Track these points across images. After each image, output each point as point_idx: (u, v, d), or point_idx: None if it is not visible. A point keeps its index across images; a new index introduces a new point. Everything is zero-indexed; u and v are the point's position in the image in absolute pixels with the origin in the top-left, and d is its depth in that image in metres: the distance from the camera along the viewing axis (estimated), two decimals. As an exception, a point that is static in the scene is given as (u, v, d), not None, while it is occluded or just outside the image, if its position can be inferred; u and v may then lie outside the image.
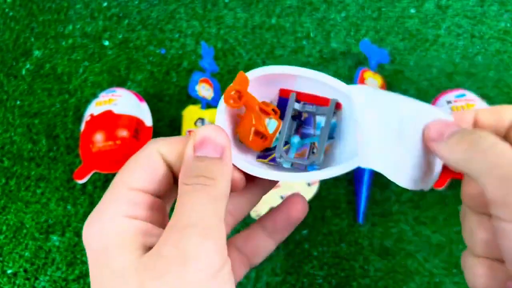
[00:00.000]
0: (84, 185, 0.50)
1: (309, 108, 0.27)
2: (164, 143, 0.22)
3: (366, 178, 0.46)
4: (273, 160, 0.27)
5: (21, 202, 0.50)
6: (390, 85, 0.54)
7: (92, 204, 0.49)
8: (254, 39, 0.58)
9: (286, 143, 0.28)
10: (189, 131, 0.48)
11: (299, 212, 0.25)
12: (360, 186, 0.46)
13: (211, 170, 0.20)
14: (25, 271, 0.46)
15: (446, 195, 0.47)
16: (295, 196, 0.26)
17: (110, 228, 0.20)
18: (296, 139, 0.28)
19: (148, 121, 0.49)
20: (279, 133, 0.27)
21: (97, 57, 0.58)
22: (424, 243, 0.45)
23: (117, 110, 0.47)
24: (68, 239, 0.47)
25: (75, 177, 0.47)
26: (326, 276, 0.43)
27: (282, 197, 0.44)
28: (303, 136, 0.28)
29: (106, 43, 0.60)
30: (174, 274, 0.18)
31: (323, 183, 0.48)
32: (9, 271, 0.46)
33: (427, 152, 0.24)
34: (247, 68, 0.56)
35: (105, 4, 0.63)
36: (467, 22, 0.57)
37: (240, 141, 0.27)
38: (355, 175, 0.47)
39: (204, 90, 0.50)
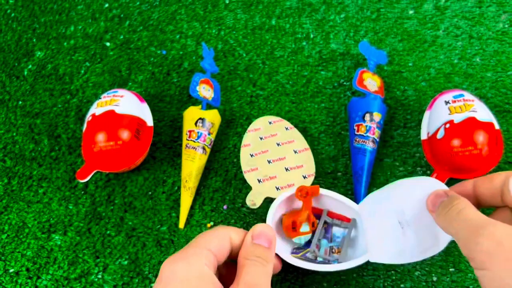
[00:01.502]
0: (85, 184, 0.51)
1: (336, 222, 0.43)
2: (233, 231, 0.34)
3: (364, 177, 0.47)
4: (304, 255, 0.41)
5: (23, 202, 0.50)
6: (388, 85, 0.54)
7: (94, 204, 0.49)
8: (254, 40, 0.59)
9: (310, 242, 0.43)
10: (190, 131, 0.49)
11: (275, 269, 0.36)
12: (359, 186, 0.47)
13: (265, 255, 0.32)
14: (27, 270, 0.47)
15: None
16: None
17: (195, 267, 0.29)
18: (324, 242, 0.43)
19: (149, 121, 0.50)
20: (313, 235, 0.42)
21: (98, 58, 0.59)
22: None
23: (118, 110, 0.47)
24: (70, 238, 0.48)
25: (78, 177, 0.47)
26: (325, 275, 0.44)
27: (277, 188, 0.45)
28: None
29: (108, 44, 0.60)
30: None
31: (322, 183, 0.49)
32: (11, 270, 0.47)
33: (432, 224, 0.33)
34: (247, 69, 0.57)
35: (106, 5, 0.63)
36: (465, 23, 0.58)
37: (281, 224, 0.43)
38: (354, 174, 0.48)
39: (205, 90, 0.51)
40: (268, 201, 0.44)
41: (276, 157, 0.48)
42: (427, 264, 0.44)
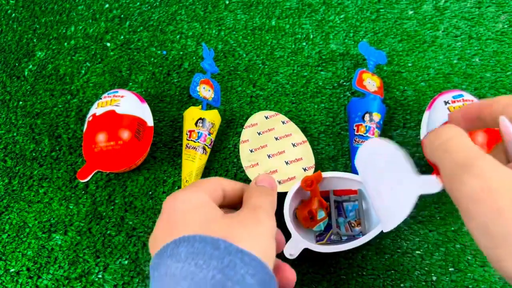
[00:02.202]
0: (86, 184, 0.51)
1: (345, 197, 0.45)
2: (224, 180, 0.33)
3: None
4: (329, 239, 0.44)
5: (24, 202, 0.50)
6: (388, 86, 0.54)
7: (94, 204, 0.50)
8: (254, 41, 0.59)
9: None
10: (190, 131, 0.49)
11: (289, 280, 0.32)
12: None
13: (269, 192, 0.33)
14: (28, 270, 0.47)
15: (443, 194, 0.47)
16: (286, 265, 0.33)
17: (196, 199, 0.29)
18: (341, 219, 0.45)
19: (149, 121, 0.50)
20: (329, 218, 0.44)
21: (99, 58, 0.59)
22: (421, 241, 0.45)
23: (119, 110, 0.48)
24: (70, 238, 0.48)
25: (78, 177, 0.47)
26: (325, 274, 0.44)
27: (279, 182, 0.46)
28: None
29: (108, 44, 0.60)
30: (252, 226, 0.28)
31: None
32: (12, 270, 0.47)
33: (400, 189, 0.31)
34: (247, 69, 0.57)
35: (106, 5, 0.63)
36: (464, 23, 0.58)
37: (296, 217, 0.44)
38: (354, 170, 0.48)
39: (205, 91, 0.51)
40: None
41: (276, 151, 0.48)
42: (426, 264, 0.44)
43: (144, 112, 0.50)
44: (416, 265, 0.44)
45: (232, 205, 0.34)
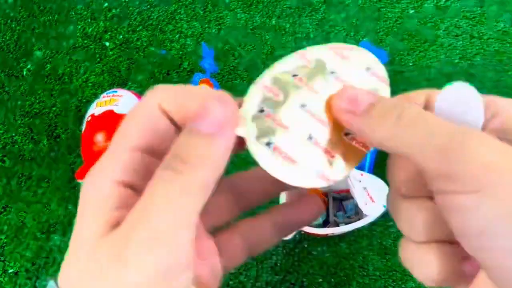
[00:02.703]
0: (85, 185, 0.50)
1: (343, 195, 0.47)
2: (163, 95, 0.19)
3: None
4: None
5: (22, 202, 0.50)
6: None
7: (93, 204, 0.49)
8: (254, 40, 0.59)
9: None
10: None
11: (313, 214, 0.24)
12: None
13: (202, 154, 0.17)
14: (27, 270, 0.46)
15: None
16: (311, 197, 0.24)
17: (96, 190, 0.18)
18: (340, 214, 0.46)
19: (148, 121, 0.49)
20: (327, 215, 0.46)
21: (98, 58, 0.59)
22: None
23: (117, 110, 0.47)
24: (69, 239, 0.47)
25: (77, 177, 0.47)
26: (326, 275, 0.44)
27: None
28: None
29: (107, 43, 0.60)
30: (113, 274, 0.15)
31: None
32: (10, 271, 0.46)
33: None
34: (247, 69, 0.57)
35: (105, 4, 0.63)
36: (466, 22, 0.58)
37: None
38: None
39: (205, 90, 0.51)
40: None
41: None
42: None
43: (143, 112, 0.49)
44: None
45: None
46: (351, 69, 0.21)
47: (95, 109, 0.48)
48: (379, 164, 0.50)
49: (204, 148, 0.17)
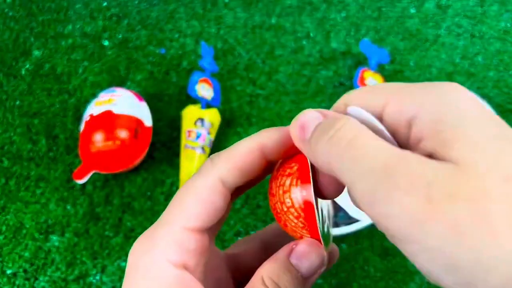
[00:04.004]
0: (83, 185, 0.50)
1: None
2: (226, 166, 0.20)
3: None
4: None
5: (21, 202, 0.50)
6: (390, 85, 0.54)
7: (92, 205, 0.49)
8: (254, 39, 0.58)
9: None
10: (189, 131, 0.48)
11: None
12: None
13: None
14: (25, 271, 0.46)
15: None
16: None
17: (154, 273, 0.18)
18: (342, 214, 0.43)
19: (147, 121, 0.49)
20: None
21: (96, 57, 0.58)
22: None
23: (116, 110, 0.47)
24: (67, 239, 0.47)
25: (75, 177, 0.46)
26: (326, 277, 0.43)
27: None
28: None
29: (106, 43, 0.59)
30: None
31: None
32: (8, 272, 0.46)
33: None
34: (247, 68, 0.56)
35: (104, 4, 0.62)
36: (467, 22, 0.57)
37: None
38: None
39: (204, 90, 0.50)
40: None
41: None
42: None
43: (142, 112, 0.49)
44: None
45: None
46: None
47: (94, 108, 0.48)
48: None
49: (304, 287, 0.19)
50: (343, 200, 0.41)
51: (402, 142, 0.17)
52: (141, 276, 0.18)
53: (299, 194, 0.18)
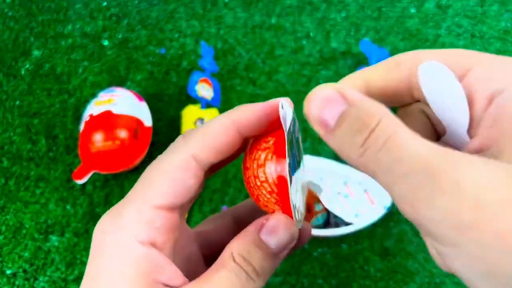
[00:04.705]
0: (83, 185, 0.50)
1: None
2: (199, 143, 0.19)
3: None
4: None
5: (21, 202, 0.50)
6: (390, 85, 0.54)
7: (92, 205, 0.49)
8: (254, 39, 0.58)
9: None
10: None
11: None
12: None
13: (264, 267, 0.18)
14: (25, 271, 0.46)
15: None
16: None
17: (122, 252, 0.17)
18: (340, 219, 0.44)
19: (147, 121, 0.49)
20: (328, 215, 0.43)
21: (96, 57, 0.58)
22: (425, 243, 0.44)
23: (116, 110, 0.47)
24: (67, 240, 0.47)
25: (74, 177, 0.46)
26: (326, 277, 0.43)
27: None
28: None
29: (106, 43, 0.59)
30: None
31: (323, 183, 0.48)
32: (8, 272, 0.46)
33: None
34: (247, 68, 0.56)
35: (104, 4, 0.62)
36: (467, 22, 0.57)
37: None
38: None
39: (204, 90, 0.50)
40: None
41: None
42: (430, 266, 0.43)
43: (142, 112, 0.49)
44: (419, 267, 0.43)
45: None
46: None
47: (94, 108, 0.48)
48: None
49: (272, 264, 0.18)
50: (337, 207, 0.41)
51: (475, 116, 0.15)
52: (108, 255, 0.18)
53: (274, 169, 0.18)
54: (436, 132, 0.18)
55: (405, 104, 0.19)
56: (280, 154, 0.18)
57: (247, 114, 0.19)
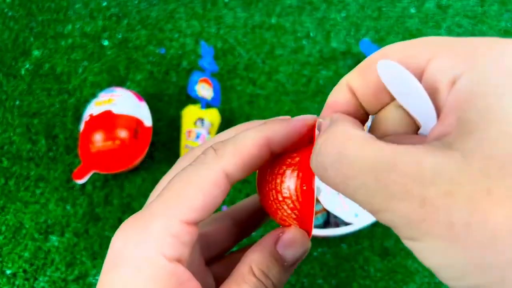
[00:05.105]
0: (83, 185, 0.50)
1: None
2: (232, 160, 0.18)
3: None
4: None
5: (20, 203, 0.50)
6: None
7: (92, 205, 0.49)
8: (254, 39, 0.58)
9: None
10: (189, 131, 0.48)
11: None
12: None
13: (280, 279, 0.19)
14: (25, 271, 0.46)
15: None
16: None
17: (147, 266, 0.17)
18: (341, 220, 0.44)
19: (147, 121, 0.49)
20: (328, 215, 0.44)
21: (96, 57, 0.58)
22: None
23: (116, 110, 0.47)
24: (67, 240, 0.47)
25: (74, 177, 0.46)
26: (326, 277, 0.43)
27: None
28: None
29: (106, 43, 0.59)
30: None
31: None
32: (8, 272, 0.46)
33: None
34: (247, 68, 0.56)
35: (104, 3, 0.62)
36: (467, 21, 0.57)
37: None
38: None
39: (204, 89, 0.50)
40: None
41: None
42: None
43: (142, 112, 0.49)
44: (419, 267, 0.43)
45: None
46: None
47: (94, 108, 0.48)
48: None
49: (286, 276, 0.19)
50: (337, 207, 0.41)
51: (441, 106, 0.15)
52: (131, 267, 0.17)
53: (300, 187, 0.18)
54: (416, 125, 0.18)
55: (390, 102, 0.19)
56: (306, 173, 0.18)
57: (281, 131, 0.19)
